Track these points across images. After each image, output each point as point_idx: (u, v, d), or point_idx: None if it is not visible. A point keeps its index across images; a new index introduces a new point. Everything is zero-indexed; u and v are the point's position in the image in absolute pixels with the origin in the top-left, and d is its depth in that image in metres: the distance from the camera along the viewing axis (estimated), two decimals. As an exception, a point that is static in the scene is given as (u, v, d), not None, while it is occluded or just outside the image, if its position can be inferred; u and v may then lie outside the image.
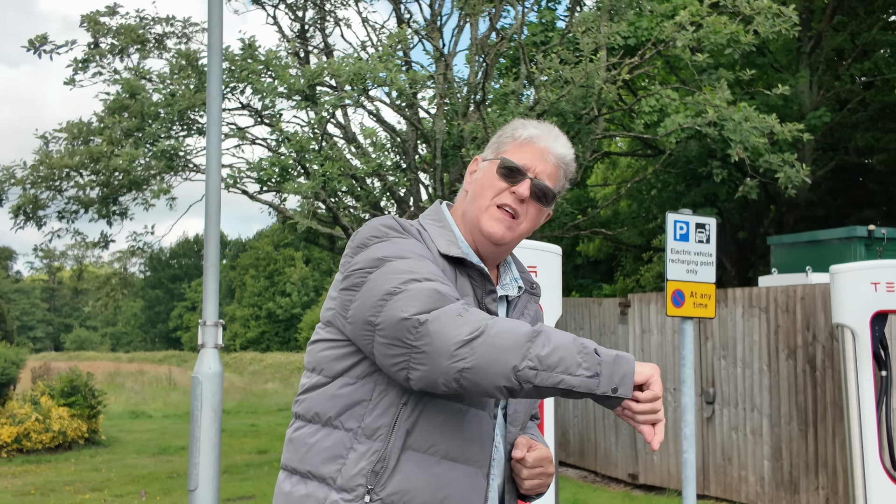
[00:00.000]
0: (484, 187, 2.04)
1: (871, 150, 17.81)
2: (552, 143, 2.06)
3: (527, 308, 2.10)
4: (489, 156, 2.09)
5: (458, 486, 1.86)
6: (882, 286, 6.21)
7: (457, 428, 1.87)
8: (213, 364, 4.71)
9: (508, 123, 2.15)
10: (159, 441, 15.82)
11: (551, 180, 2.05)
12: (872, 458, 6.16)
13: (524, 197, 2.01)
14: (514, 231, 2.03)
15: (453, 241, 2.00)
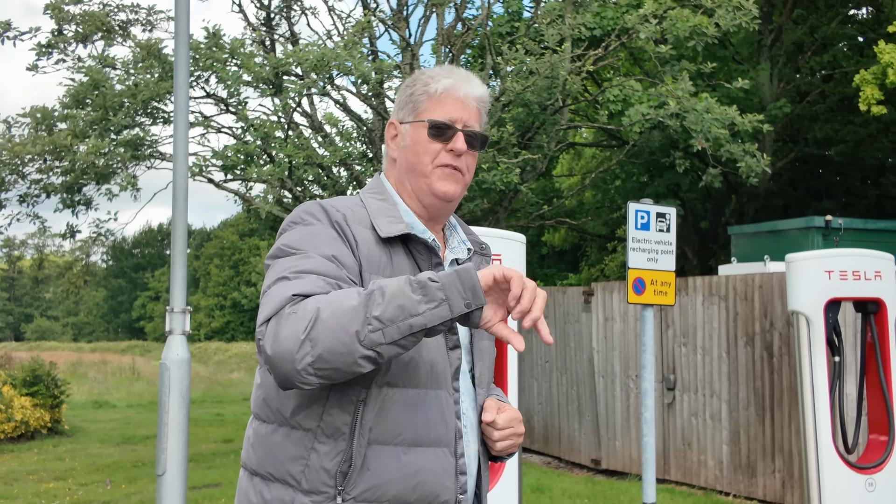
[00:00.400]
0: (418, 153, 2.00)
1: (829, 142, 18.15)
2: (469, 88, 2.02)
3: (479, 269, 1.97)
4: (408, 118, 2.03)
5: (428, 469, 1.87)
6: (836, 275, 6.39)
7: (418, 413, 1.87)
8: (181, 351, 4.75)
9: (412, 77, 2.08)
10: (123, 430, 15.74)
11: (478, 123, 2.04)
12: (826, 441, 6.35)
13: (462, 151, 1.99)
14: (462, 185, 2.02)
15: (395, 217, 1.96)
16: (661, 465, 9.15)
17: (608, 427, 9.92)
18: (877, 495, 6.40)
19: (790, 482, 7.89)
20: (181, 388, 4.71)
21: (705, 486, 8.73)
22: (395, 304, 1.64)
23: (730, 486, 8.50)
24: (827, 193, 19.86)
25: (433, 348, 1.90)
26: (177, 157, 4.94)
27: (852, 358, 7.29)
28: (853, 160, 18.49)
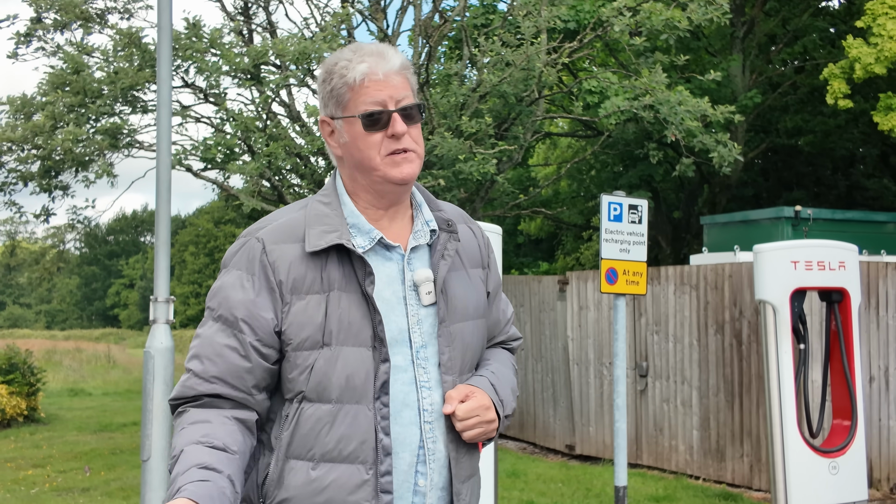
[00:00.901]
0: (361, 148, 1.93)
1: (799, 132, 18.43)
2: (386, 65, 1.92)
3: (447, 249, 1.99)
4: (337, 113, 1.95)
5: (337, 486, 1.84)
6: (801, 265, 6.59)
7: (331, 429, 1.85)
8: (165, 339, 4.86)
9: (325, 70, 1.97)
10: (100, 418, 15.76)
11: (409, 92, 1.95)
12: (791, 426, 6.56)
13: (404, 131, 1.92)
14: (417, 162, 1.95)
15: (330, 225, 1.91)
16: (633, 450, 9.37)
17: (582, 413, 10.12)
18: (840, 478, 6.62)
19: (758, 466, 8.12)
20: (165, 375, 4.82)
21: (676, 471, 8.95)
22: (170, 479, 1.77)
23: (700, 471, 8.73)
24: (798, 183, 20.18)
25: (351, 361, 1.85)
26: (160, 148, 5.03)
27: (817, 345, 7.51)
28: (823, 150, 18.79)
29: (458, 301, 1.99)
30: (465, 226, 2.12)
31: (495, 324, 2.18)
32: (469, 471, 2.01)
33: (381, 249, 1.96)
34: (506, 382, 2.07)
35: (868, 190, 19.51)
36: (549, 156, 21.72)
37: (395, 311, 1.92)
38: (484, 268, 2.12)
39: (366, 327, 1.87)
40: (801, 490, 6.51)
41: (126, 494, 8.54)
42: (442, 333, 1.95)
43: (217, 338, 1.89)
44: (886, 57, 11.05)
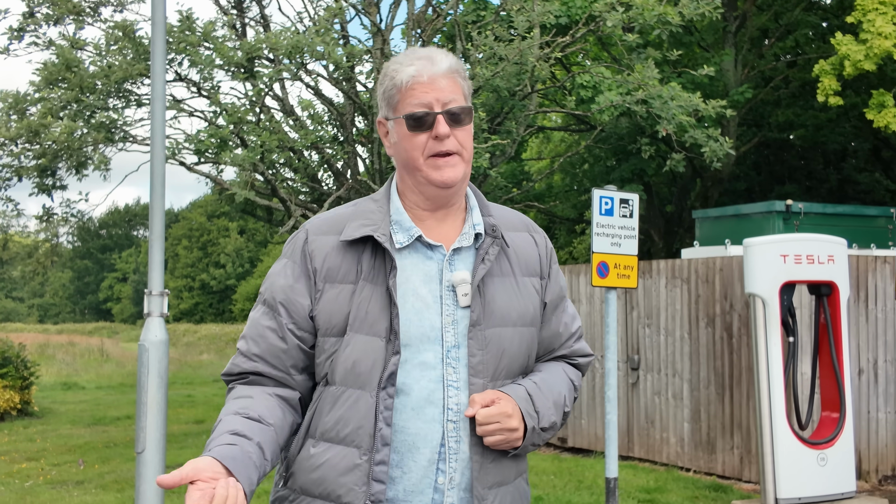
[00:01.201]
0: (407, 149, 1.98)
1: (791, 126, 18.50)
2: (433, 69, 1.96)
3: (488, 253, 2.01)
4: (389, 114, 2.02)
5: (330, 466, 1.90)
6: (790, 258, 6.65)
7: (331, 409, 1.93)
8: (159, 332, 4.90)
9: (382, 72, 2.05)
10: (93, 412, 15.78)
11: (458, 96, 1.98)
12: (780, 418, 6.63)
13: (447, 133, 1.95)
14: (461, 166, 1.98)
15: (369, 220, 1.98)
16: (625, 442, 9.43)
17: (574, 406, 10.17)
18: (828, 469, 6.70)
19: (748, 458, 8.19)
20: (159, 368, 4.86)
21: (667, 463, 9.02)
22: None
23: (690, 463, 8.80)
24: (790, 177, 20.27)
25: (360, 348, 1.92)
26: (154, 142, 5.05)
27: (806, 338, 7.57)
28: (815, 145, 18.87)
29: (498, 306, 2.00)
30: (528, 234, 2.14)
31: (554, 336, 2.16)
32: (497, 477, 1.99)
33: (422, 248, 2.01)
34: (549, 395, 2.05)
35: (860, 184, 19.60)
36: (543, 150, 21.76)
37: (431, 308, 1.96)
38: (542, 278, 2.12)
39: (382, 319, 1.92)
40: (789, 481, 6.59)
41: (120, 487, 8.58)
42: (474, 336, 1.97)
43: (261, 320, 2.01)
44: (876, 53, 11.11)
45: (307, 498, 1.93)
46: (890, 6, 11.46)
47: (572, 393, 2.15)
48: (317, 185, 12.19)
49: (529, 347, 2.06)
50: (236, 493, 1.71)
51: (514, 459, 2.03)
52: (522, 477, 2.10)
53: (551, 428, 2.05)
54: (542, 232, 2.18)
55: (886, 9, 11.43)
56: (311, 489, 1.92)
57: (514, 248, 2.08)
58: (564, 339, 2.18)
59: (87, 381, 21.92)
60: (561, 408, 2.08)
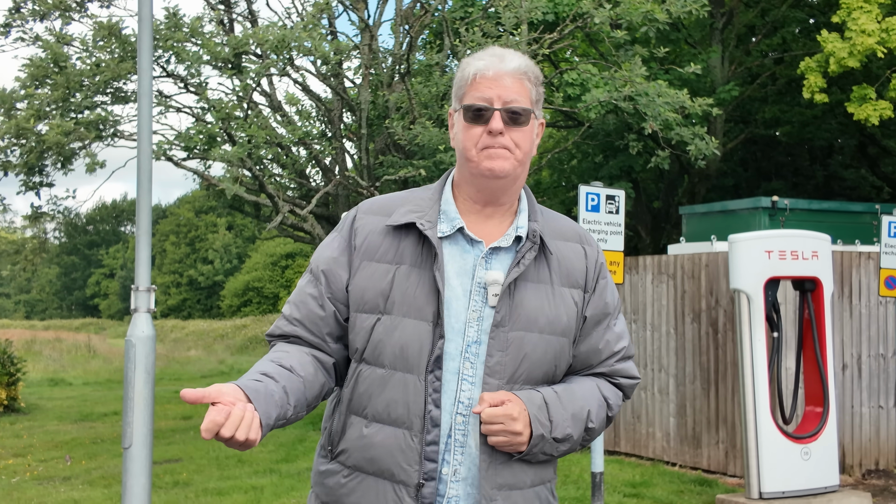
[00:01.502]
0: (464, 139, 2.03)
1: (778, 123, 18.58)
2: (500, 66, 2.02)
3: (524, 257, 2.03)
4: (456, 106, 2.08)
5: (383, 446, 1.96)
6: (775, 254, 6.70)
7: (383, 391, 1.97)
8: (146, 328, 4.90)
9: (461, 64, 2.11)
10: (81, 408, 15.74)
11: (521, 96, 2.02)
12: (764, 412, 6.69)
13: (500, 129, 1.99)
14: (512, 161, 2.01)
15: (416, 207, 2.05)
16: (611, 437, 9.49)
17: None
18: (811, 463, 6.76)
19: (733, 452, 8.25)
20: (146, 364, 4.86)
21: (653, 457, 9.08)
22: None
23: (676, 457, 8.86)
24: (776, 174, 20.36)
25: (409, 332, 1.97)
26: (141, 139, 5.06)
27: (791, 334, 7.63)
28: (801, 141, 18.96)
29: (525, 310, 2.01)
30: (580, 245, 2.15)
31: (593, 352, 2.14)
32: (509, 479, 2.00)
33: (462, 241, 2.05)
34: (569, 406, 2.04)
35: (846, 180, 19.72)
36: (531, 146, 21.74)
37: (460, 301, 2.00)
38: (585, 291, 2.11)
39: (430, 303, 1.98)
40: (774, 475, 6.64)
41: (107, 483, 8.57)
42: (495, 336, 1.99)
43: (305, 287, 2.11)
44: (860, 51, 11.18)
45: (361, 475, 1.99)
46: (874, 4, 11.53)
47: (603, 410, 2.12)
48: (305, 180, 12.19)
49: (557, 357, 2.06)
50: (252, 419, 1.78)
51: (531, 465, 2.03)
52: (546, 486, 2.09)
53: (566, 440, 2.04)
54: (596, 246, 2.18)
55: (871, 7, 11.50)
56: (366, 467, 1.98)
57: (558, 257, 2.08)
58: (605, 356, 2.15)
59: (73, 378, 21.85)
60: (582, 422, 2.06)
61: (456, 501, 1.97)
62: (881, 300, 8.56)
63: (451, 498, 1.97)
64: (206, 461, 9.49)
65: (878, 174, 19.89)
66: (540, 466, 2.06)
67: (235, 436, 1.75)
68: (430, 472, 1.96)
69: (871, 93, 12.22)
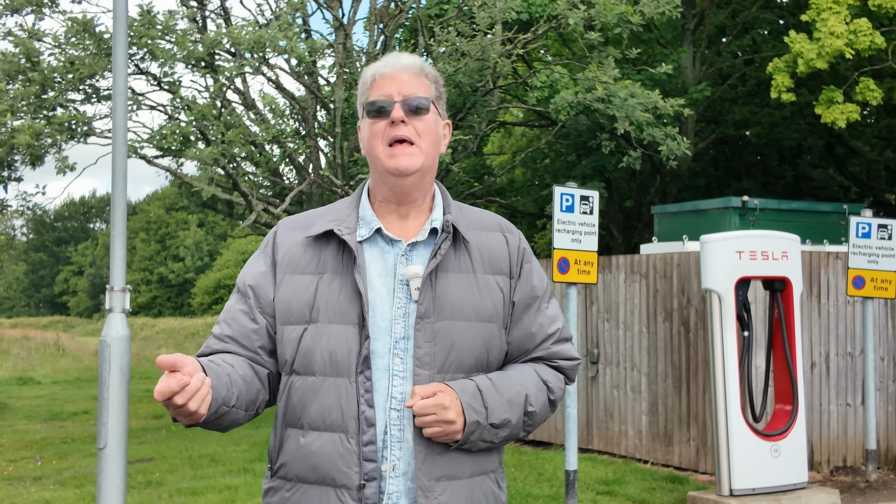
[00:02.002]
0: (368, 138, 2.07)
1: (747, 124, 18.78)
2: (397, 63, 2.09)
3: (440, 248, 2.05)
4: (360, 112, 2.13)
5: (322, 452, 1.98)
6: (745, 255, 6.80)
7: (314, 399, 1.99)
8: (121, 328, 4.88)
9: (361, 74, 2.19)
10: (50, 407, 15.59)
11: (420, 91, 2.07)
12: (735, 410, 6.78)
13: (402, 118, 2.03)
14: (418, 156, 2.04)
15: (335, 217, 2.09)
16: (584, 435, 9.56)
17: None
18: (781, 460, 6.87)
19: (704, 450, 8.35)
20: (121, 364, 4.84)
21: (625, 455, 9.16)
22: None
23: (648, 455, 8.95)
24: (746, 173, 20.58)
25: (336, 337, 1.99)
26: (116, 138, 5.03)
27: (761, 333, 7.74)
28: (771, 141, 19.18)
29: (449, 300, 2.04)
30: (500, 234, 2.18)
31: (527, 336, 2.16)
32: (446, 470, 2.01)
33: (381, 242, 2.09)
34: (504, 392, 2.06)
35: (814, 180, 19.97)
36: (504, 144, 21.84)
37: (384, 300, 2.03)
38: (511, 276, 2.14)
39: (354, 307, 2.00)
40: (744, 472, 6.74)
41: (79, 483, 8.51)
42: (421, 328, 2.01)
43: (235, 305, 2.13)
44: (828, 52, 11.33)
45: (303, 485, 2.00)
46: (843, 6, 11.69)
47: (543, 393, 2.13)
48: (279, 178, 12.15)
49: (487, 343, 2.07)
50: (206, 393, 1.84)
51: (471, 455, 2.04)
52: (488, 476, 2.09)
53: (504, 425, 2.04)
54: (517, 233, 2.21)
55: (840, 8, 11.66)
56: (307, 476, 1.99)
57: (479, 247, 2.11)
58: (540, 340, 2.17)
59: (42, 376, 21.62)
60: (520, 406, 2.07)
61: (397, 497, 1.98)
62: (849, 299, 8.70)
63: (392, 494, 1.98)
64: (178, 461, 9.45)
65: (845, 174, 20.17)
66: (481, 456, 2.06)
67: (188, 405, 1.80)
68: (371, 472, 1.97)
69: (839, 96, 12.39)
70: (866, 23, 11.69)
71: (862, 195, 20.16)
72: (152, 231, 55.23)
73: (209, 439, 10.99)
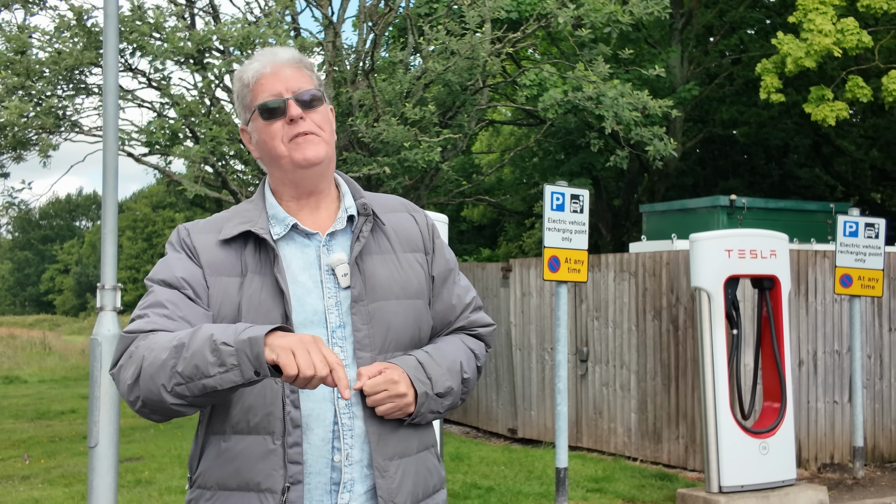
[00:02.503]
0: (266, 140, 2.04)
1: (735, 123, 18.88)
2: (276, 60, 2.07)
3: (361, 231, 2.08)
4: (246, 116, 2.09)
5: (244, 457, 1.93)
6: (735, 253, 6.84)
7: (238, 402, 1.94)
8: (112, 326, 4.88)
9: (233, 81, 2.15)
10: (37, 406, 15.51)
11: (306, 83, 2.06)
12: (724, 408, 6.82)
13: (299, 115, 2.02)
14: (322, 145, 2.05)
15: (246, 218, 2.05)
16: (574, 432, 9.59)
17: (524, 398, 10.32)
18: (770, 458, 6.92)
19: (692, 447, 8.40)
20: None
21: (615, 452, 9.20)
22: (193, 363, 1.78)
23: (637, 452, 8.99)
24: (734, 172, 20.69)
25: None
26: (106, 136, 5.02)
27: (749, 331, 7.79)
28: (758, 140, 19.28)
29: (378, 281, 2.06)
30: (407, 214, 2.21)
31: (448, 308, 2.20)
32: (398, 448, 2.02)
33: (299, 237, 2.07)
34: (442, 362, 2.09)
35: (800, 179, 20.09)
36: (493, 142, 21.86)
37: (312, 294, 2.01)
38: (426, 253, 2.18)
39: (276, 306, 1.97)
40: (733, 470, 6.79)
41: (68, 482, 8.47)
42: (357, 311, 2.02)
43: (170, 295, 1.98)
44: (816, 51, 11.41)
45: (224, 492, 1.94)
46: (829, 6, 11.77)
47: (472, 361, 2.19)
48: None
49: (418, 319, 2.11)
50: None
51: (415, 430, 2.07)
52: (430, 451, 2.13)
53: (448, 394, 2.07)
54: (422, 212, 2.26)
55: (826, 8, 11.74)
56: (228, 482, 1.94)
57: (394, 228, 2.15)
58: (460, 310, 2.22)
59: (29, 375, 21.50)
60: (457, 374, 2.11)
61: (351, 485, 1.98)
62: (836, 298, 8.77)
63: (347, 483, 1.97)
64: (167, 459, 9.42)
65: (831, 173, 20.30)
66: (423, 431, 2.09)
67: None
68: (296, 476, 1.93)
69: (829, 94, 12.47)
70: (853, 22, 11.77)
71: (848, 194, 20.29)
72: (139, 229, 54.96)
73: (198, 438, 10.96)
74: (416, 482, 2.06)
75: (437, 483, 2.15)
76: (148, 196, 55.09)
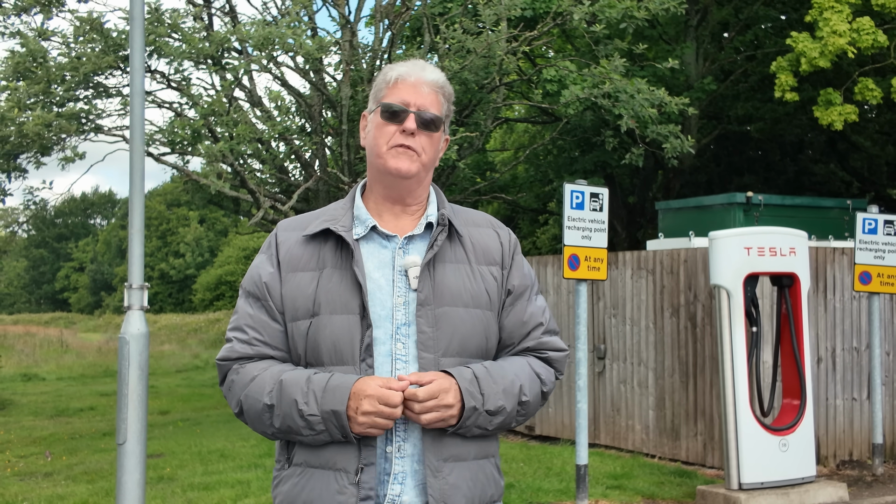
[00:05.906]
0: (376, 136, 2.16)
1: (750, 119, 18.82)
2: (421, 74, 2.18)
3: (437, 240, 2.15)
4: (372, 107, 2.22)
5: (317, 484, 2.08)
6: (754, 251, 6.85)
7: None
8: (140, 325, 4.94)
9: (379, 74, 2.27)
10: (56, 403, 15.66)
11: (434, 107, 2.17)
12: (743, 405, 6.84)
13: (412, 130, 2.13)
14: (418, 163, 2.15)
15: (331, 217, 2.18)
16: (591, 430, 9.61)
17: (541, 395, 10.33)
18: (789, 454, 6.93)
19: (711, 444, 8.41)
20: (140, 360, 4.90)
21: (633, 450, 9.22)
22: (286, 424, 2.06)
23: (655, 449, 9.01)
24: (748, 169, 20.62)
25: (339, 327, 2.08)
26: (133, 137, 5.08)
27: (769, 328, 7.79)
28: (773, 137, 19.22)
29: (448, 287, 2.13)
30: (491, 230, 2.30)
31: (518, 324, 2.24)
32: (454, 451, 2.08)
33: (378, 238, 2.19)
34: (499, 380, 2.13)
35: (815, 175, 20.02)
36: (507, 140, 21.86)
37: (384, 291, 2.12)
38: (503, 267, 2.24)
39: (355, 297, 2.09)
40: (752, 466, 6.80)
41: (90, 478, 8.56)
42: (422, 314, 2.10)
43: (254, 310, 2.18)
44: (831, 51, 11.36)
45: (309, 469, 2.08)
46: (844, 4, 11.72)
47: (536, 385, 2.20)
48: (285, 176, 12.20)
49: (486, 330, 2.17)
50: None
51: (474, 439, 2.12)
52: (489, 460, 2.17)
53: (499, 413, 2.11)
54: (506, 229, 2.34)
55: (842, 6, 11.69)
56: (312, 461, 2.08)
57: (472, 240, 2.23)
58: (530, 328, 2.25)
59: (47, 373, 21.69)
60: (514, 396, 2.14)
61: (403, 478, 2.06)
62: (855, 295, 8.76)
63: (398, 475, 2.06)
64: (188, 456, 9.51)
65: (847, 169, 20.21)
66: (484, 441, 2.15)
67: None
68: (369, 458, 2.05)
69: (837, 97, 12.42)
70: (869, 21, 11.71)
71: (863, 190, 20.20)
72: (153, 227, 55.19)
73: (216, 435, 11.05)
74: (472, 489, 2.12)
75: (495, 494, 2.20)
76: (162, 194, 55.33)
